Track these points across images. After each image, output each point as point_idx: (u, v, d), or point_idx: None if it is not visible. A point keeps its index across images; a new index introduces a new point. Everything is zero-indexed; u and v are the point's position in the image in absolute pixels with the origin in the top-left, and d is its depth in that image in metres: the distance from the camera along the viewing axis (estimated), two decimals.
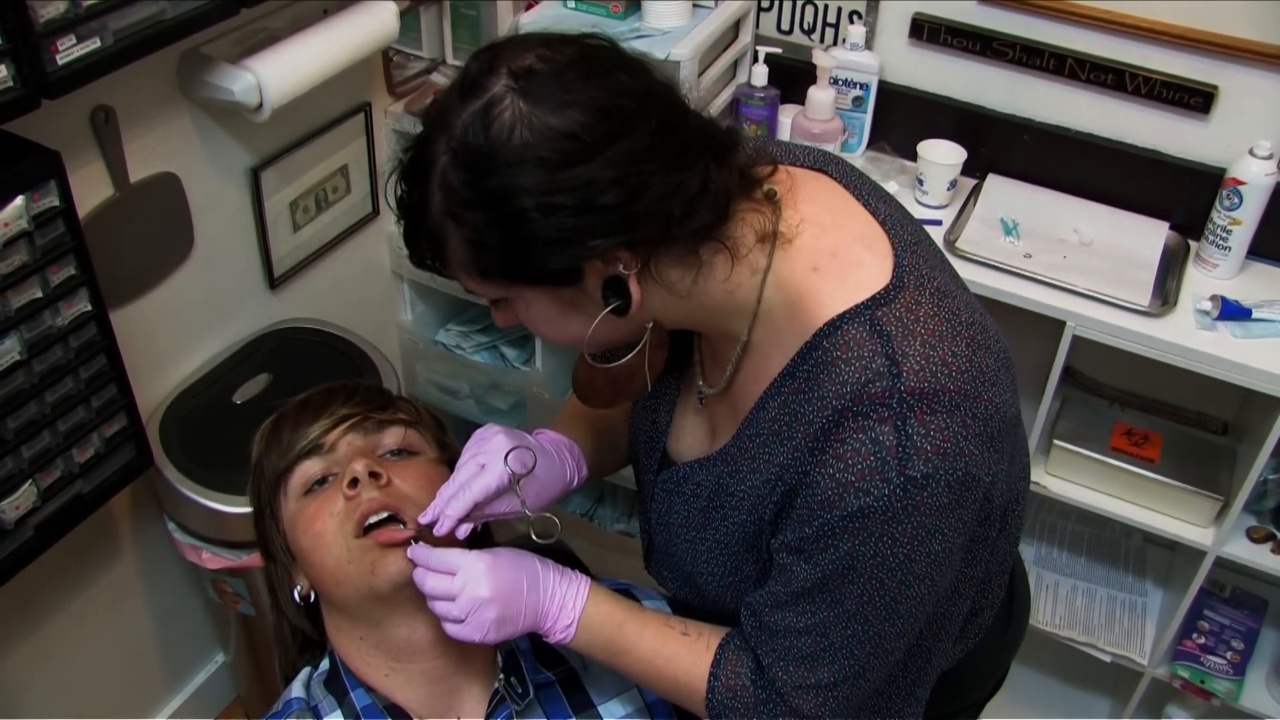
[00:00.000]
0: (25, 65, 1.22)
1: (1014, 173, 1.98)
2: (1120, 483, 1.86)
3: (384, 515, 1.09)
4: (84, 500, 1.51)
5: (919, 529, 0.91)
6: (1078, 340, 1.73)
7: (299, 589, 1.17)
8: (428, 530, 1.07)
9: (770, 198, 0.97)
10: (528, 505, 1.09)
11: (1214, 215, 1.75)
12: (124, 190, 1.56)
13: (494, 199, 0.87)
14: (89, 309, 1.42)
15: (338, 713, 1.11)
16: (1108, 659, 2.01)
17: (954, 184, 1.93)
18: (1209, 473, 1.83)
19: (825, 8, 2.03)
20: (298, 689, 1.15)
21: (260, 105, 1.58)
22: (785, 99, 2.03)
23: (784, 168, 1.01)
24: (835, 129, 1.95)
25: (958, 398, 0.91)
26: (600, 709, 1.19)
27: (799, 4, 2.05)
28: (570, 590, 1.08)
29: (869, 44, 1.99)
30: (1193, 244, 1.84)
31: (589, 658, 1.15)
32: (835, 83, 1.97)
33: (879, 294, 0.93)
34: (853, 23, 1.98)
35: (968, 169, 1.93)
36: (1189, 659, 1.95)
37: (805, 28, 2.07)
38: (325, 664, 1.17)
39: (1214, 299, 1.70)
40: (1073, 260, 1.80)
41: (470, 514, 1.06)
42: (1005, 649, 1.32)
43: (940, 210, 1.92)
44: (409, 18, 1.94)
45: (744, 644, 1.06)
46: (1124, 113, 1.86)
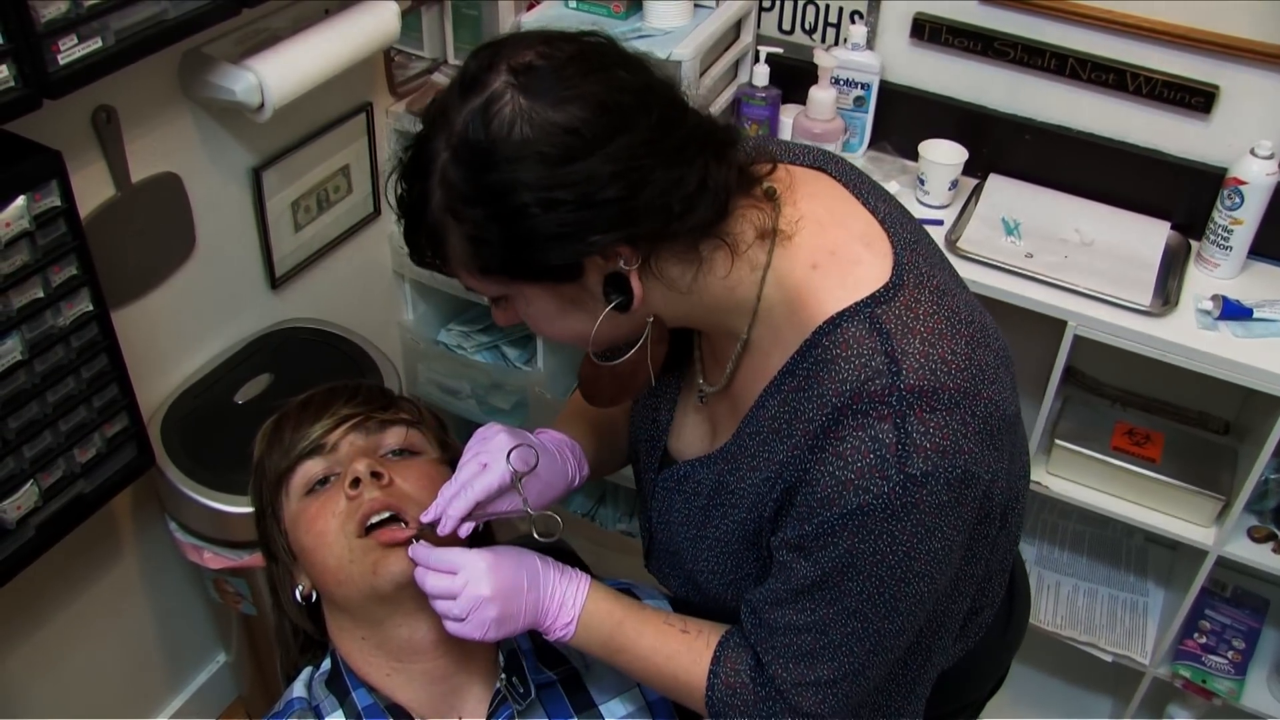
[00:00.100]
0: (27, 65, 1.22)
1: (1015, 172, 1.98)
2: (1122, 482, 1.86)
3: (386, 515, 1.09)
4: (85, 500, 1.51)
5: (919, 527, 0.91)
6: (1079, 340, 1.73)
7: (300, 589, 1.17)
8: (430, 530, 1.07)
9: (770, 195, 0.97)
10: (530, 504, 1.09)
11: (1215, 215, 1.75)
12: (125, 190, 1.56)
13: (494, 194, 0.87)
14: (90, 309, 1.42)
15: (339, 712, 1.11)
16: (1109, 659, 2.01)
17: (955, 184, 1.93)
18: (1210, 472, 1.83)
19: (826, 8, 2.03)
20: (299, 689, 1.15)
21: (262, 105, 1.58)
22: (786, 99, 2.03)
23: (783, 166, 1.01)
24: (836, 129, 1.96)
25: (957, 395, 0.91)
26: (602, 708, 1.19)
27: (800, 4, 2.05)
28: (570, 588, 1.08)
29: (870, 44, 1.99)
30: (1194, 244, 1.84)
31: (590, 657, 1.15)
32: (836, 82, 1.97)
33: (879, 292, 0.93)
34: (854, 22, 1.98)
35: (969, 169, 1.93)
36: (1190, 659, 1.95)
37: (806, 27, 2.07)
38: (327, 664, 1.17)
39: (1215, 299, 1.70)
40: (1074, 260, 1.79)
41: (472, 513, 1.06)
42: (1005, 648, 1.32)
43: (942, 210, 1.92)
44: (410, 18, 1.94)
45: (744, 641, 1.06)
46: (1125, 112, 1.86)
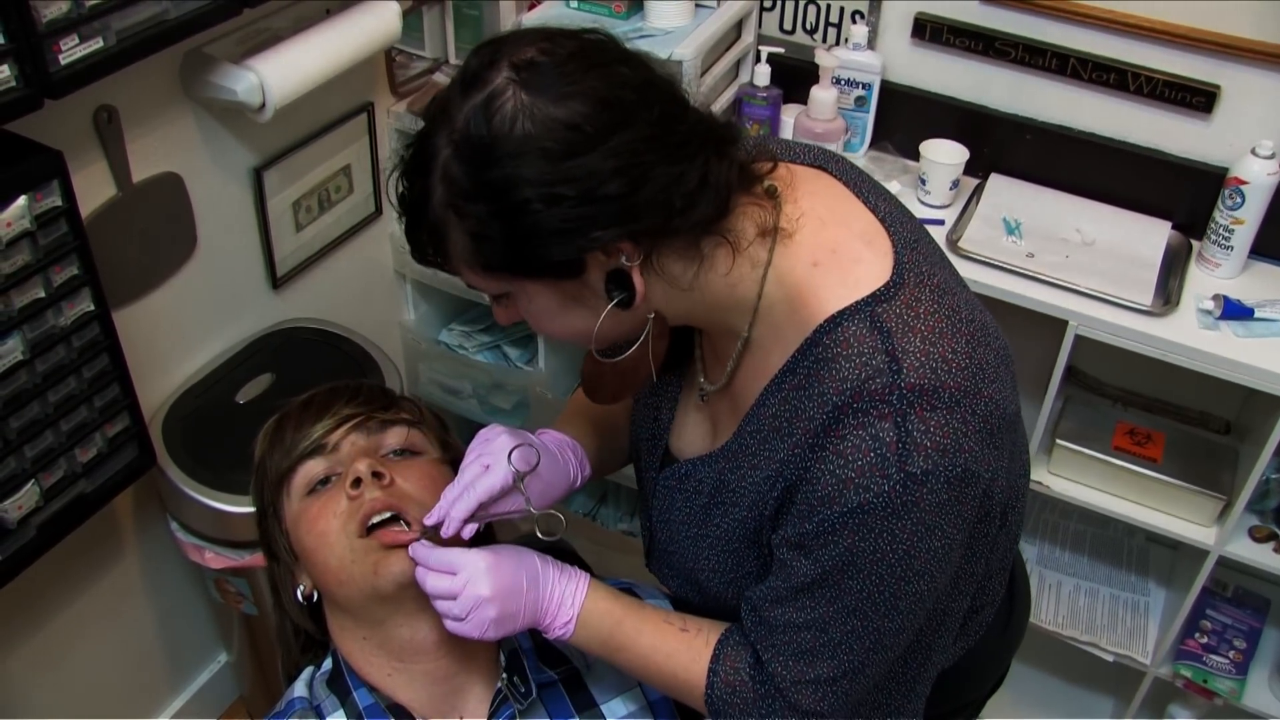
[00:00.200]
0: (28, 65, 1.22)
1: (1016, 172, 1.98)
2: (1123, 482, 1.86)
3: (387, 515, 1.09)
4: (87, 500, 1.51)
5: (919, 525, 0.91)
6: (1080, 340, 1.73)
7: (302, 589, 1.17)
8: (433, 531, 1.07)
9: (771, 193, 0.97)
10: (532, 504, 1.09)
11: (1216, 215, 1.75)
12: (127, 190, 1.56)
13: (496, 190, 0.87)
14: (91, 309, 1.42)
15: (340, 712, 1.11)
16: (1110, 658, 2.01)
17: (956, 183, 1.93)
18: (1211, 472, 1.83)
19: (828, 7, 2.03)
20: (300, 688, 1.15)
21: (263, 105, 1.58)
22: (788, 99, 2.03)
23: (784, 165, 1.01)
24: (838, 129, 1.96)
25: (958, 394, 0.91)
26: (603, 708, 1.19)
27: (801, 4, 2.05)
28: (570, 587, 1.08)
29: (871, 44, 1.99)
30: (1195, 243, 1.84)
31: (592, 656, 1.15)
32: (838, 82, 1.97)
33: (879, 290, 0.93)
34: (855, 22, 1.98)
35: (970, 169, 1.93)
36: (1191, 658, 1.95)
37: (808, 27, 2.07)
38: (328, 663, 1.17)
39: (1216, 298, 1.70)
40: (1075, 260, 1.79)
41: (475, 514, 1.06)
42: (1006, 647, 1.32)
43: (943, 210, 1.92)
44: (412, 18, 1.94)
45: (743, 639, 1.06)
46: (1126, 112, 1.86)
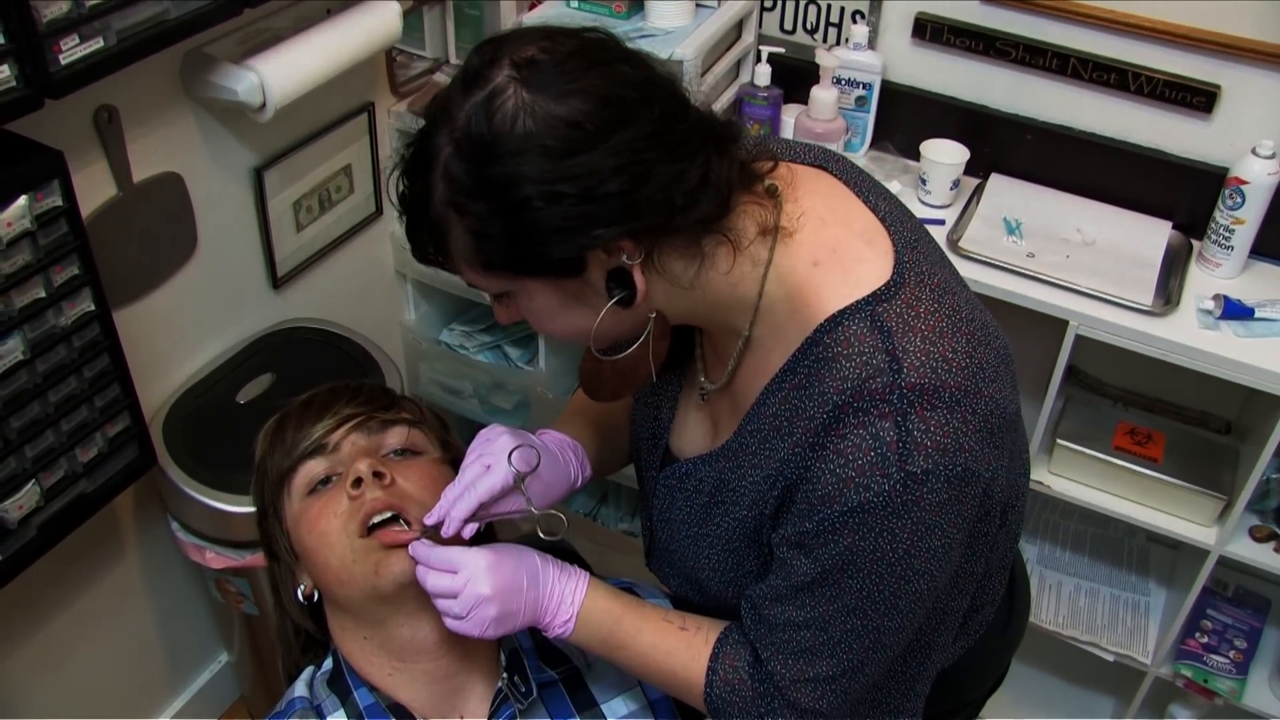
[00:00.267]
0: (28, 65, 1.22)
1: (1017, 172, 1.98)
2: (1123, 482, 1.86)
3: (388, 515, 1.09)
4: (87, 500, 1.51)
5: (919, 524, 0.91)
6: (1081, 340, 1.73)
7: (302, 588, 1.17)
8: (433, 531, 1.07)
9: (771, 192, 0.97)
10: (533, 502, 1.09)
11: (1216, 215, 1.75)
12: (127, 190, 1.56)
13: (497, 188, 0.87)
14: (92, 309, 1.42)
15: (341, 712, 1.11)
16: (1111, 658, 2.01)
17: (957, 183, 1.93)
18: (1212, 472, 1.83)
19: (828, 7, 2.03)
20: (301, 688, 1.16)
21: (263, 105, 1.59)
22: (788, 98, 2.03)
23: (785, 164, 1.01)
24: (838, 128, 1.96)
25: (958, 394, 0.91)
26: (603, 707, 1.19)
27: (802, 4, 2.05)
28: (569, 585, 1.08)
29: (872, 44, 1.99)
30: (1195, 243, 1.84)
31: (592, 655, 1.15)
32: (838, 82, 1.97)
33: (880, 290, 0.93)
34: (855, 22, 1.98)
35: (971, 168, 1.93)
36: (1192, 658, 1.95)
37: (808, 27, 2.07)
38: (328, 663, 1.17)
39: (1217, 298, 1.70)
40: (1076, 260, 1.79)
41: (476, 514, 1.06)
42: (1005, 646, 1.32)
43: (943, 210, 1.92)
44: (412, 17, 1.94)
45: (742, 638, 1.06)
46: (1127, 112, 1.86)
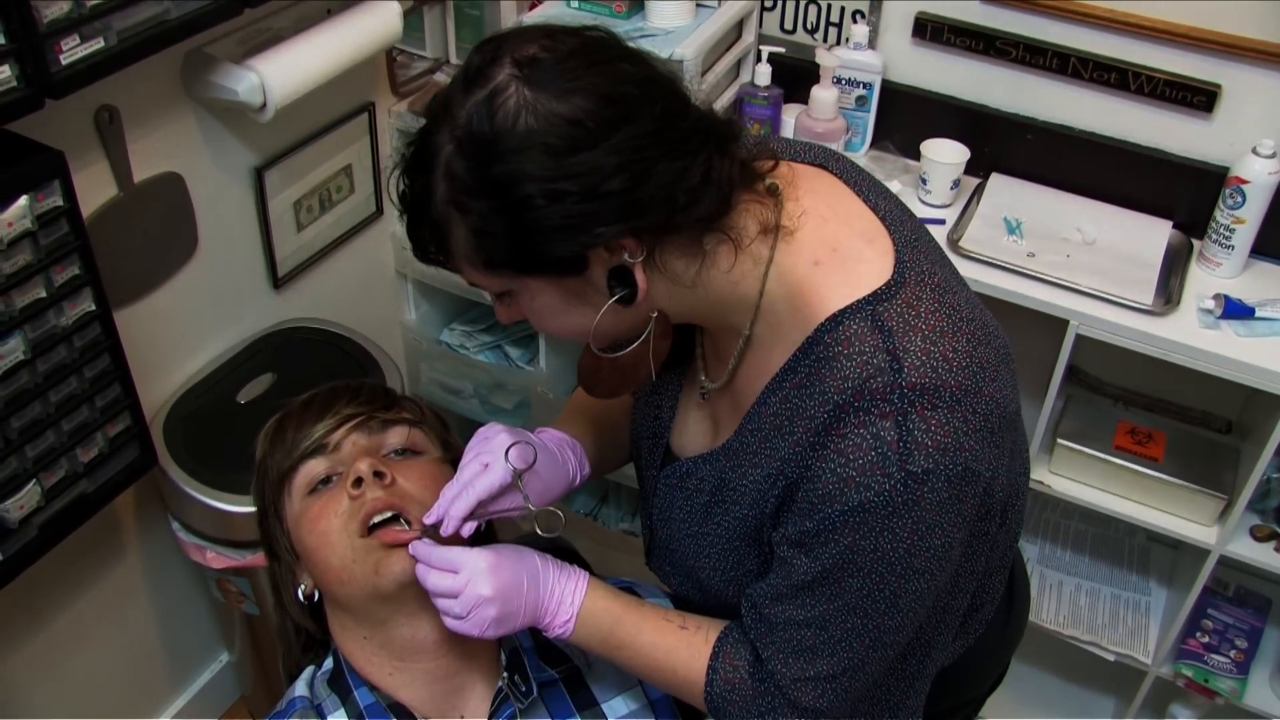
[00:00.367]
0: (29, 65, 1.23)
1: (1017, 172, 1.98)
2: (1124, 481, 1.86)
3: (388, 515, 1.09)
4: (88, 500, 1.51)
5: (919, 524, 0.91)
6: (1081, 339, 1.73)
7: (303, 588, 1.17)
8: (433, 530, 1.07)
9: (772, 191, 0.97)
10: (531, 500, 1.09)
11: (1217, 214, 1.75)
12: (128, 190, 1.57)
13: (499, 186, 0.86)
14: (93, 309, 1.43)
15: (341, 711, 1.11)
16: (1111, 658, 2.01)
17: (957, 183, 1.92)
18: (1213, 471, 1.83)
19: (828, 7, 2.03)
20: (301, 688, 1.16)
21: (264, 105, 1.59)
22: (789, 98, 2.03)
23: (785, 163, 1.01)
24: (838, 128, 1.96)
25: (959, 393, 0.91)
26: (604, 706, 1.19)
27: (802, 3, 2.05)
28: (569, 585, 1.08)
29: (872, 43, 1.99)
30: (1196, 243, 1.84)
31: (593, 655, 1.15)
32: (838, 82, 1.97)
33: (880, 289, 0.93)
34: (856, 22, 1.98)
35: (971, 168, 1.93)
36: (1193, 658, 1.95)
37: (808, 27, 2.07)
38: (329, 663, 1.17)
39: (1217, 298, 1.70)
40: (1076, 259, 1.79)
41: (474, 512, 1.06)
42: (1005, 645, 1.32)
43: (944, 209, 1.92)
44: (412, 17, 1.95)
45: (743, 637, 1.06)
46: (1127, 112, 1.86)
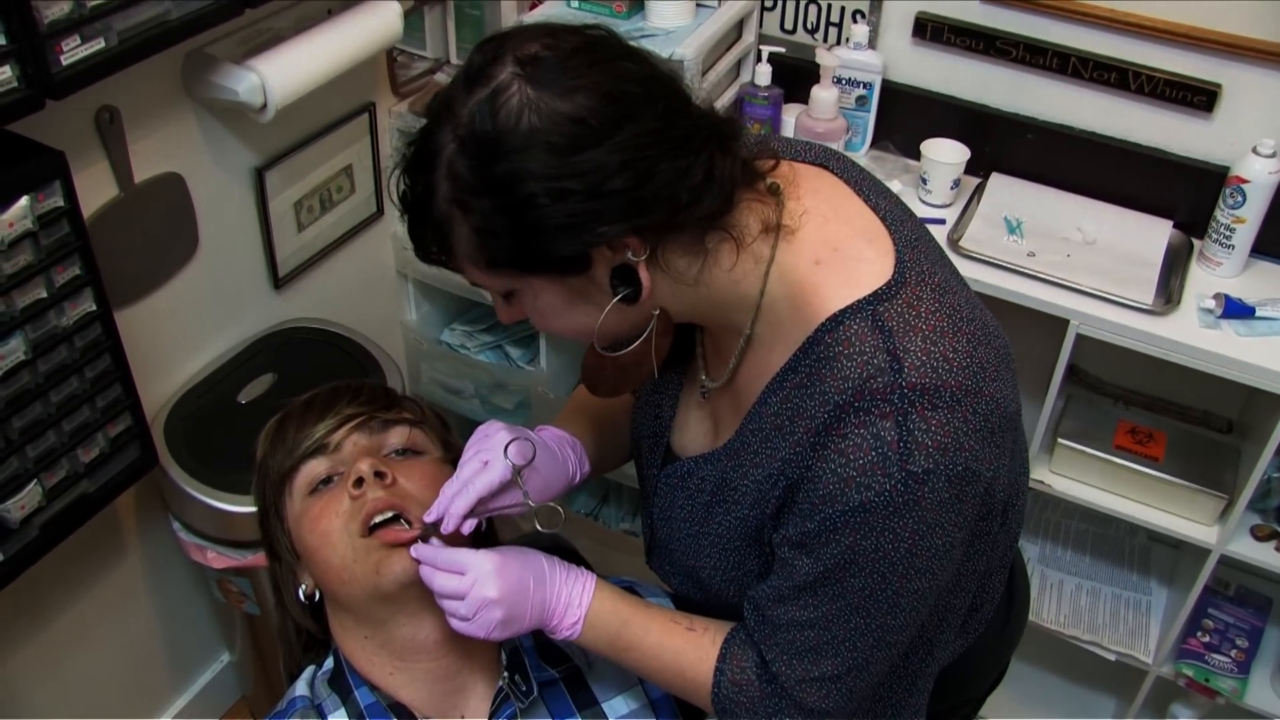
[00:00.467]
0: (30, 66, 1.23)
1: (1018, 171, 1.98)
2: (1125, 481, 1.86)
3: (389, 515, 1.09)
4: (89, 500, 1.51)
5: (920, 524, 0.91)
6: (1082, 339, 1.73)
7: (304, 588, 1.17)
8: (433, 529, 1.07)
9: (773, 191, 0.97)
10: (530, 497, 1.09)
11: (1217, 214, 1.75)
12: (129, 190, 1.57)
13: (502, 185, 0.86)
14: (94, 309, 1.43)
15: (341, 711, 1.11)
16: (1112, 657, 2.01)
17: (957, 183, 1.92)
18: (1213, 471, 1.83)
19: (829, 7, 2.03)
20: (302, 687, 1.16)
21: (264, 105, 1.59)
22: (789, 98, 2.03)
23: (786, 162, 1.01)
24: (839, 128, 1.96)
25: (959, 393, 0.91)
26: (604, 706, 1.19)
27: (802, 3, 2.05)
28: (576, 588, 1.08)
29: (872, 43, 1.99)
30: (1196, 242, 1.84)
31: (593, 654, 1.15)
32: (839, 82, 1.97)
33: (881, 289, 0.93)
34: (856, 22, 1.98)
35: (971, 168, 1.93)
36: (1193, 657, 1.95)
37: (809, 27, 2.07)
38: (329, 663, 1.17)
39: (1218, 297, 1.70)
40: (1076, 259, 1.79)
41: (474, 510, 1.06)
42: (1005, 644, 1.32)
43: (944, 209, 1.92)
44: (413, 18, 1.95)
45: (749, 638, 1.06)
46: (1127, 111, 1.86)
